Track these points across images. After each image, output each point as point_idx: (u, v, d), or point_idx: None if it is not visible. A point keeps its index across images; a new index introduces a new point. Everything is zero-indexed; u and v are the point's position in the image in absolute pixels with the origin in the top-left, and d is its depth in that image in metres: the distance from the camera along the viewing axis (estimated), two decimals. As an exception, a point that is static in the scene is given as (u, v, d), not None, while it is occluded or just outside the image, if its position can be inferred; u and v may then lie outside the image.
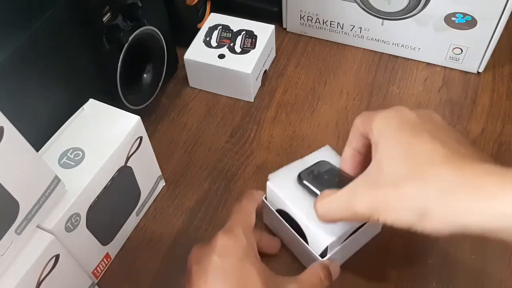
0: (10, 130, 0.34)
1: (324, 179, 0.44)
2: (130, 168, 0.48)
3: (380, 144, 0.38)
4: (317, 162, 0.46)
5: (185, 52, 0.63)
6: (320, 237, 0.43)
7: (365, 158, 0.43)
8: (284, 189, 0.45)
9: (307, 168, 0.46)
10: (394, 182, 0.36)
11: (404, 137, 0.37)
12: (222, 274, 0.39)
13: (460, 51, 0.64)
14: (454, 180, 0.33)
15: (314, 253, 0.45)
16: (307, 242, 0.45)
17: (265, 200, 0.48)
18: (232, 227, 0.42)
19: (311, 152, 0.48)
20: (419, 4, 0.61)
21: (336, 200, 0.40)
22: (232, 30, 0.65)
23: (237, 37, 0.64)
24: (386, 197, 0.36)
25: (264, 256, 0.44)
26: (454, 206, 0.33)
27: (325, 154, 0.48)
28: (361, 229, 0.46)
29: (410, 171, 0.35)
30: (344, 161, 0.45)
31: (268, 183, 0.46)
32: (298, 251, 0.49)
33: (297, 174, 0.45)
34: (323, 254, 0.44)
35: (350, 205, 0.38)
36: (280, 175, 0.46)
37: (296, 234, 0.46)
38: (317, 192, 0.43)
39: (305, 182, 0.45)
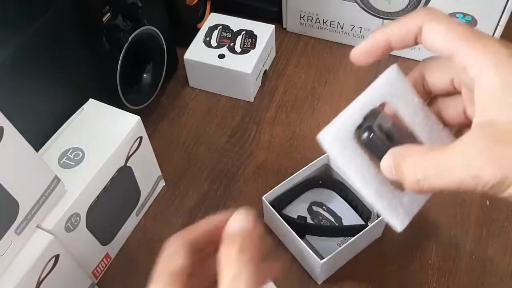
0: (10, 130, 0.34)
1: (396, 137, 0.31)
2: (130, 168, 0.48)
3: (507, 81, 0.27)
4: (377, 114, 0.32)
5: (185, 52, 0.63)
6: (397, 218, 0.30)
7: (380, 56, 0.34)
8: (343, 154, 0.30)
9: (371, 122, 0.31)
10: None
11: None
12: None
13: (460, 51, 0.64)
14: None
15: (313, 255, 0.45)
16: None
17: (264, 200, 0.48)
18: (155, 278, 0.33)
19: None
20: (419, 4, 0.60)
21: (443, 158, 0.27)
22: (232, 30, 0.65)
23: (237, 37, 0.64)
24: None
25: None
26: None
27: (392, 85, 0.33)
28: (361, 233, 0.46)
29: None
30: (363, 43, 0.33)
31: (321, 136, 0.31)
32: (297, 251, 0.49)
33: (354, 130, 0.31)
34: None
35: (468, 165, 0.26)
36: (333, 134, 0.31)
37: (295, 234, 0.46)
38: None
39: (374, 140, 0.30)
